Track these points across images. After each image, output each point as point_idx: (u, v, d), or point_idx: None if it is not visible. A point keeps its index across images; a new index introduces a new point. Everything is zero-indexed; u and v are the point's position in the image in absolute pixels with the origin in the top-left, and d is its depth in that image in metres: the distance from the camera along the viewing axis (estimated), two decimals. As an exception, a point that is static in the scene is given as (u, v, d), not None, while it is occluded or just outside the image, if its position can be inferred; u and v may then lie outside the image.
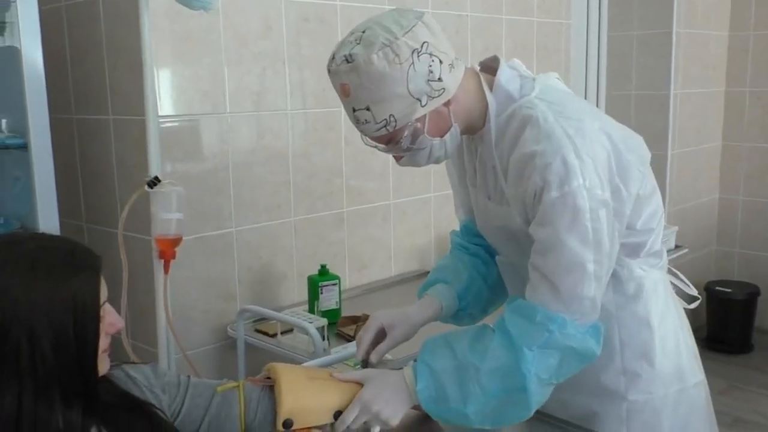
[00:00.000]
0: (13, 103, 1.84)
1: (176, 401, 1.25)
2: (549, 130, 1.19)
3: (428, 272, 2.68)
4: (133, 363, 1.27)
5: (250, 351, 2.08)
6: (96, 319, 1.06)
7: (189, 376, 1.31)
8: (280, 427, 1.25)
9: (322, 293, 2.10)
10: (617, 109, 3.66)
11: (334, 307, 2.12)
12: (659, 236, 1.36)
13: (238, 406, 1.27)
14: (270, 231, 2.22)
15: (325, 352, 1.85)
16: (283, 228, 2.26)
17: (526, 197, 1.21)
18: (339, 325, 2.05)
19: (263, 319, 2.09)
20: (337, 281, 2.13)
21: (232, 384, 1.30)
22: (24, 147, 1.80)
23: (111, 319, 1.11)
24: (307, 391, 1.28)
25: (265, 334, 2.01)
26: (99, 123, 2.13)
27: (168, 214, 1.59)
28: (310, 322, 1.89)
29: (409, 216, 2.65)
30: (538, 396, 1.22)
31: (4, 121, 1.98)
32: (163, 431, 1.17)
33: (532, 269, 1.23)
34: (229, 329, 2.05)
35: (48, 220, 1.83)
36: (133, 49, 1.84)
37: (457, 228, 1.61)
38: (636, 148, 1.28)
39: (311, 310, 2.08)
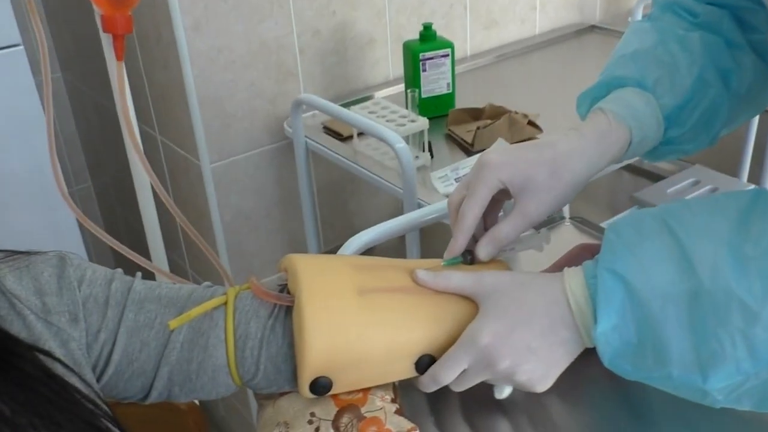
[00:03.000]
0: None
1: (101, 338, 0.62)
2: None
3: (594, 28, 1.86)
4: (12, 254, 0.63)
5: (317, 160, 1.42)
6: None
7: (134, 279, 0.67)
8: (306, 391, 0.63)
9: (425, 70, 1.35)
10: None
11: (443, 91, 1.38)
12: None
13: (224, 347, 0.64)
14: (346, -29, 1.43)
15: (425, 172, 1.16)
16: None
17: None
18: (450, 123, 1.32)
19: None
20: (449, 50, 1.36)
21: (211, 303, 0.65)
22: None
23: None
24: (357, 322, 0.62)
25: (337, 135, 1.33)
26: None
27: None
28: (401, 125, 1.18)
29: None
30: None
31: None
32: (58, 409, 0.57)
33: None
34: (285, 126, 1.38)
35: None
36: None
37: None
38: None
39: (407, 100, 1.35)
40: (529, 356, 0.60)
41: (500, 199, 0.71)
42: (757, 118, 1.65)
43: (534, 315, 0.60)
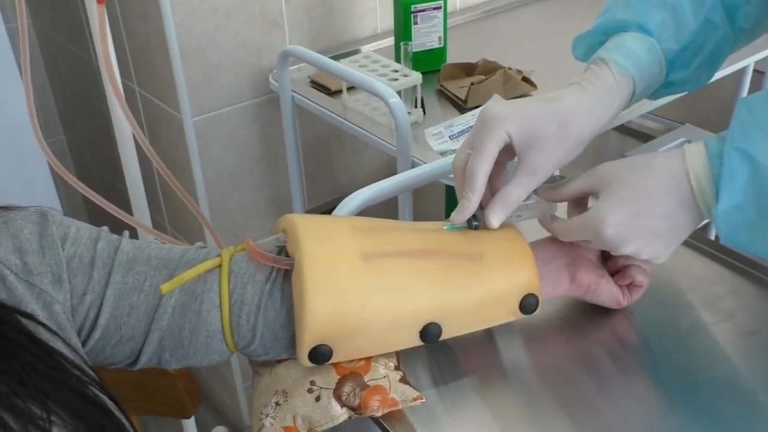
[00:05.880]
0: None
1: (86, 301, 0.59)
2: None
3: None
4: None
5: (302, 115, 1.37)
6: None
7: (121, 239, 0.63)
8: (305, 359, 0.60)
9: (416, 22, 1.30)
10: None
11: (435, 45, 1.33)
12: None
13: (218, 312, 0.61)
14: None
15: (417, 128, 1.12)
16: None
17: None
18: (442, 79, 1.28)
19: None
20: (441, 2, 1.31)
21: (205, 265, 0.61)
22: None
23: None
24: (362, 288, 0.59)
25: (325, 89, 1.28)
26: None
27: None
28: (394, 79, 1.14)
29: None
30: None
31: None
32: (44, 377, 0.53)
33: None
34: (271, 79, 1.33)
35: None
36: None
37: None
38: None
39: (397, 54, 1.31)
40: (652, 240, 0.61)
41: (502, 161, 0.68)
42: (748, 78, 1.63)
43: (656, 200, 0.60)
